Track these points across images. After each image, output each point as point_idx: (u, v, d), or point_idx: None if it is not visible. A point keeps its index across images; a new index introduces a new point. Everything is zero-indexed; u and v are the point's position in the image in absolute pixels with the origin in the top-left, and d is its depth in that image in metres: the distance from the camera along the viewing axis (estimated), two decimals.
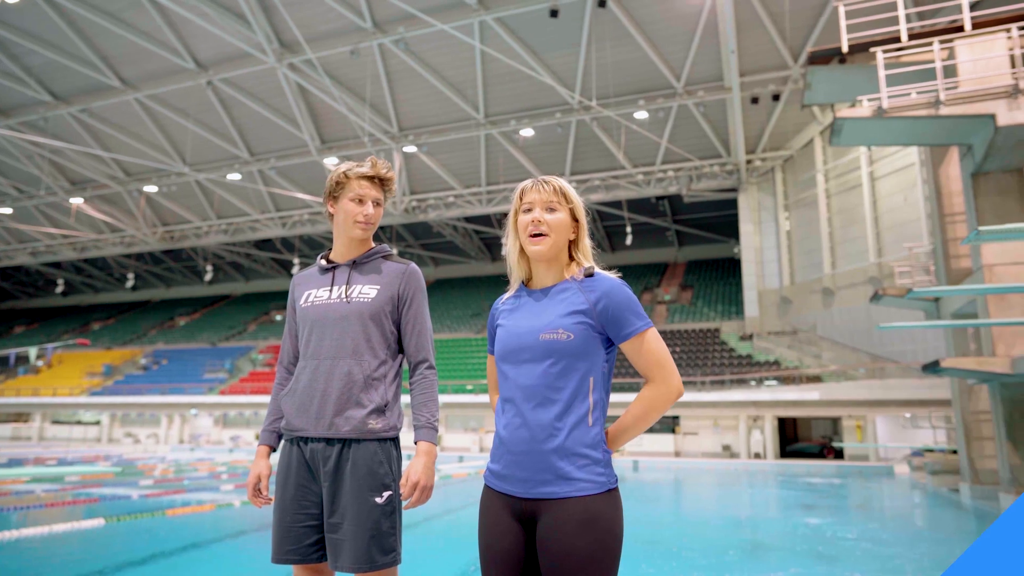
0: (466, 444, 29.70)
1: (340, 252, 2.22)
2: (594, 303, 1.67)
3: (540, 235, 1.72)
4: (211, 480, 14.03)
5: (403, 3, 22.85)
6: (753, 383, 26.64)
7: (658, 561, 6.07)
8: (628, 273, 41.11)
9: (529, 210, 1.76)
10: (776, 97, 26.24)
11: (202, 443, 34.10)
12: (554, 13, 22.85)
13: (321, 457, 2.02)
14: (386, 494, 2.00)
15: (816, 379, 25.67)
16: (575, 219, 1.77)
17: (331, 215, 2.20)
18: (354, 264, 2.18)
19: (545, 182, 1.76)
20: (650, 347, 1.67)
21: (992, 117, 9.26)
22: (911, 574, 6.04)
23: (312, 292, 2.18)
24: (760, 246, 32.16)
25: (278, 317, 47.95)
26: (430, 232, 44.22)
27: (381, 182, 2.15)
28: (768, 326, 31.13)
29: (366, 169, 2.13)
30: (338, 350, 2.06)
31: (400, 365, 2.18)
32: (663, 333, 32.47)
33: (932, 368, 10.04)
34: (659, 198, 37.09)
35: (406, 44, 25.41)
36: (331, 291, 2.15)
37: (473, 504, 10.87)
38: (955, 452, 15.83)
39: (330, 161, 31.81)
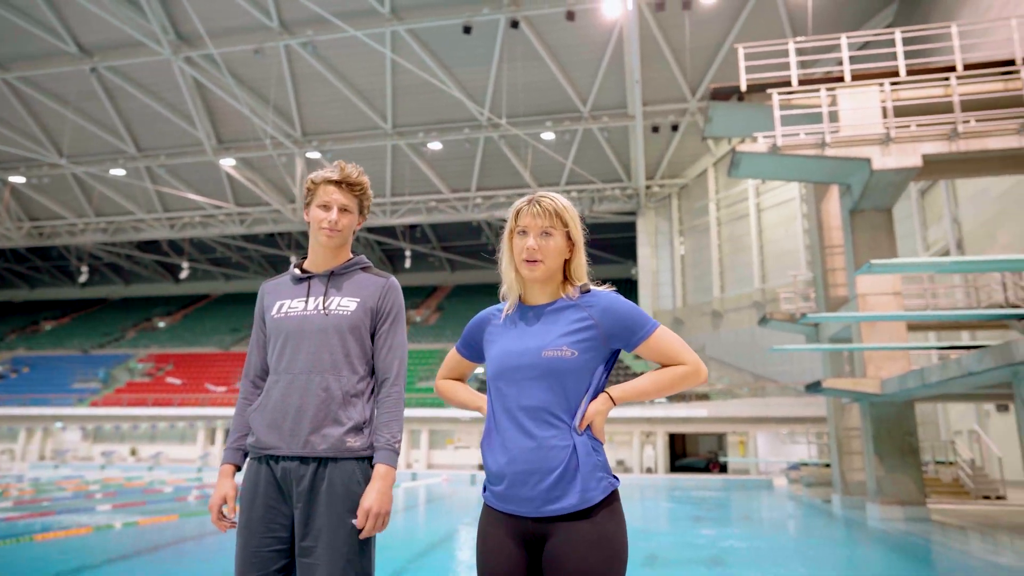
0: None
1: (315, 261, 2.11)
2: (599, 319, 1.68)
3: (535, 261, 1.71)
4: (82, 500, 12.87)
5: (313, 4, 22.26)
6: (647, 400, 27.64)
7: None
8: None
9: (524, 232, 1.73)
10: (675, 128, 27.61)
11: (68, 459, 31.26)
12: (467, 30, 23.04)
13: (294, 476, 1.90)
14: None
15: (704, 397, 27.03)
16: (571, 239, 1.75)
17: (308, 224, 2.11)
18: (331, 275, 2.08)
19: (539, 204, 1.72)
20: (667, 340, 1.69)
21: (868, 161, 10.22)
22: None
23: (285, 302, 2.06)
24: (656, 268, 33.59)
25: (161, 324, 44.93)
26: None
27: (349, 187, 2.03)
28: None
29: (332, 174, 2.04)
30: (315, 364, 1.95)
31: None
32: None
33: (815, 388, 10.85)
34: None
35: (314, 47, 24.76)
36: (307, 302, 2.03)
37: (393, 516, 10.55)
38: (828, 465, 17.12)
39: (226, 162, 30.36)
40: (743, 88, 12.01)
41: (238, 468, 2.04)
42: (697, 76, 25.65)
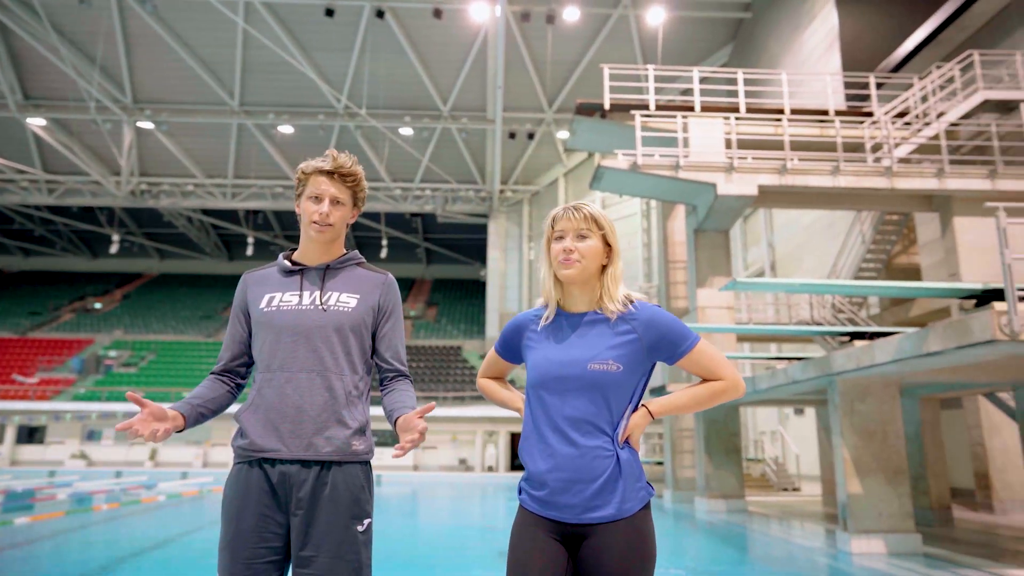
0: (187, 459, 26.70)
1: (306, 255, 1.98)
2: (642, 332, 1.71)
3: (571, 260, 1.72)
4: None
5: None
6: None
7: (418, 573, 6.16)
8: None
9: (561, 238, 1.75)
10: (531, 136, 28.47)
11: None
12: (329, 12, 22.19)
13: (294, 481, 1.78)
14: (367, 521, 1.83)
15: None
16: (607, 243, 1.77)
17: (300, 216, 1.96)
18: (327, 268, 1.97)
19: (576, 209, 1.76)
20: (708, 354, 1.72)
21: (714, 186, 11.23)
22: None
23: (276, 295, 1.92)
24: (504, 271, 34.40)
25: None
26: (159, 220, 39.33)
27: (342, 178, 1.92)
28: None
29: (323, 163, 1.92)
30: (315, 362, 1.84)
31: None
32: (407, 348, 32.84)
33: (658, 392, 11.71)
34: (413, 215, 37.71)
35: (154, 6, 22.54)
36: (301, 296, 1.91)
37: (215, 525, 9.84)
38: (660, 463, 18.51)
39: (35, 121, 26.69)
40: (607, 106, 12.70)
41: (185, 420, 1.82)
42: (555, 89, 26.66)
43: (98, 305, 39.23)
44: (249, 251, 34.33)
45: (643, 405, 1.74)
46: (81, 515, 10.33)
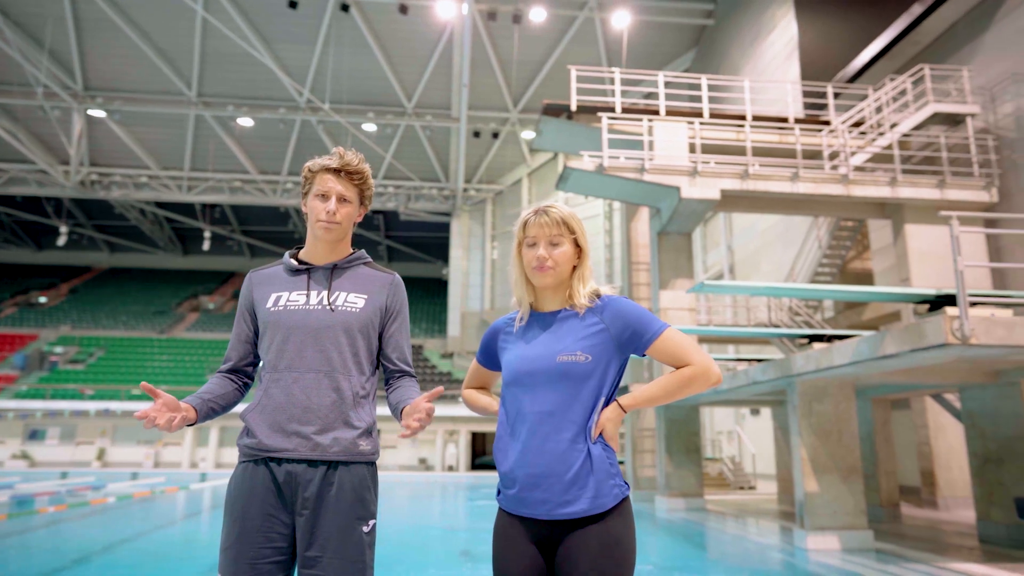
0: (138, 459, 25.89)
1: (313, 254, 1.97)
2: (609, 323, 1.71)
3: (545, 268, 1.72)
4: None
5: None
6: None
7: (377, 574, 6.10)
8: None
9: (533, 244, 1.74)
10: (496, 135, 28.46)
11: None
12: (293, 4, 21.80)
13: (301, 480, 1.77)
14: (371, 522, 1.82)
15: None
16: (578, 245, 1.78)
17: (306, 215, 1.97)
18: (335, 268, 1.96)
19: (546, 214, 1.74)
20: (676, 341, 1.70)
21: (678, 189, 11.40)
22: None
23: (283, 294, 1.92)
24: (467, 270, 34.30)
25: None
26: (110, 212, 38.06)
27: (349, 175, 1.91)
28: (468, 346, 33.21)
29: (330, 161, 1.91)
30: (323, 363, 1.84)
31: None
32: None
33: (621, 392, 11.81)
34: (375, 212, 37.33)
35: None
36: (308, 295, 1.90)
37: (169, 526, 9.59)
38: (622, 463, 18.69)
39: None
40: (573, 108, 12.77)
41: (196, 413, 1.82)
42: (520, 88, 26.69)
43: (43, 299, 37.78)
44: (205, 246, 33.46)
45: (615, 400, 1.73)
46: (24, 518, 9.93)
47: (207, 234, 33.64)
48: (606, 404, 1.72)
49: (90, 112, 26.44)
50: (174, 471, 24.10)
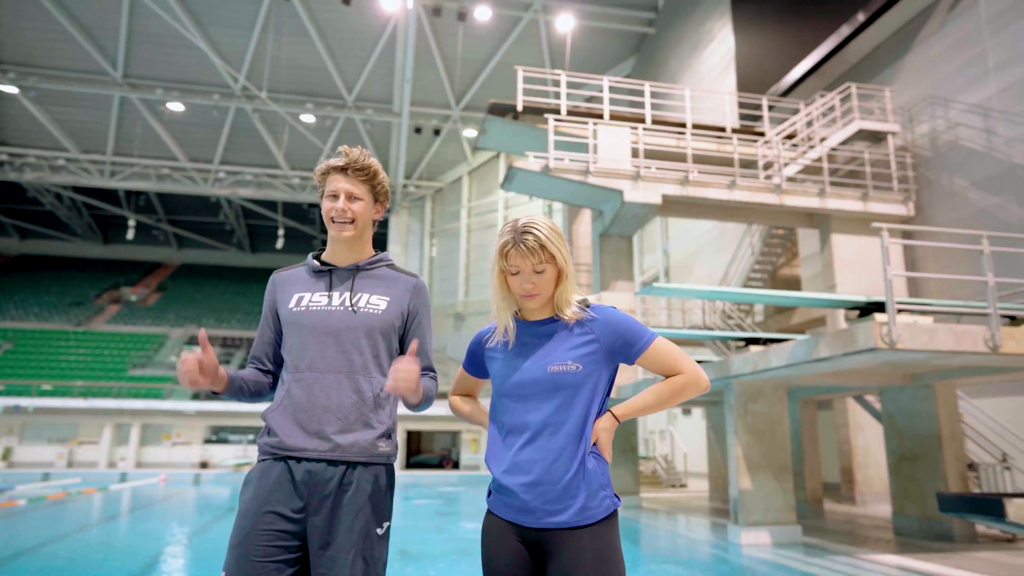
0: (49, 459, 24.41)
1: (334, 255, 1.98)
2: (599, 333, 1.71)
3: (533, 296, 1.71)
4: None
5: None
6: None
7: None
8: None
9: (516, 273, 1.71)
10: (437, 132, 28.27)
11: None
12: None
13: (320, 479, 1.78)
14: (386, 524, 1.83)
15: (443, 395, 27.95)
16: (558, 264, 1.74)
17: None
18: (357, 269, 1.96)
19: (524, 242, 1.67)
20: (665, 351, 1.72)
21: (621, 193, 11.62)
22: None
23: (305, 295, 1.92)
24: (405, 266, 33.88)
25: None
26: (21, 196, 35.73)
27: (356, 172, 1.90)
28: None
29: (337, 161, 1.91)
30: (344, 364, 1.84)
31: None
32: None
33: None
34: (311, 205, 36.46)
35: None
36: (330, 296, 1.90)
37: (89, 529, 9.10)
38: None
39: None
40: (519, 108, 12.83)
41: (226, 383, 1.84)
42: (464, 86, 26.61)
43: None
44: (130, 235, 31.88)
45: (608, 410, 1.74)
46: None
47: (131, 223, 32.04)
48: (599, 414, 1.72)
49: (2, 88, 24.76)
50: (90, 471, 22.85)
